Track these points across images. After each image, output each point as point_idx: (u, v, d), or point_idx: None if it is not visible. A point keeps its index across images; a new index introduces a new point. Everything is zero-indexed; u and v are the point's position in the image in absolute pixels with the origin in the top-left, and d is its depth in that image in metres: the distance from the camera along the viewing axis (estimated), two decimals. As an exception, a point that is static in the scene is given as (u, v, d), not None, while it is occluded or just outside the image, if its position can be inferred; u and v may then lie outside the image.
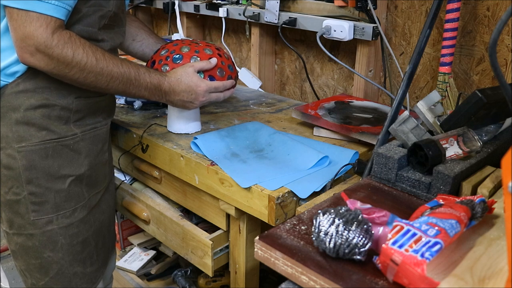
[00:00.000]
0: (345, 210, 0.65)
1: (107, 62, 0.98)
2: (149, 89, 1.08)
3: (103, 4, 0.99)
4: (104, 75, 0.98)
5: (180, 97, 1.12)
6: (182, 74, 1.12)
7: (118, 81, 1.01)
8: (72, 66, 0.93)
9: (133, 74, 1.03)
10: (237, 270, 1.21)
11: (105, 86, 1.00)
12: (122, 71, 1.01)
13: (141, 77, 1.05)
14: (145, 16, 2.34)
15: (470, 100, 0.87)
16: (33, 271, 1.09)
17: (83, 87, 1.00)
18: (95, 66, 0.96)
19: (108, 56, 0.99)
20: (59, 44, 0.90)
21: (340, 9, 1.45)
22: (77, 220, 1.08)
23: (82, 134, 1.05)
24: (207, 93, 1.14)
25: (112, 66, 0.99)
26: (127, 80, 1.02)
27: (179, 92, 1.12)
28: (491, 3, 1.23)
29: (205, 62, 1.16)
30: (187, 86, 1.12)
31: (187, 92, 1.12)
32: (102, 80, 0.99)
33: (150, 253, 1.85)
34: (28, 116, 0.98)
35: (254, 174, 1.05)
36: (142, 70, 1.06)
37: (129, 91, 1.05)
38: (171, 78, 1.11)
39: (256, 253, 0.70)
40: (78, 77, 0.96)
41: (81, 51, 0.94)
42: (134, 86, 1.05)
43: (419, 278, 0.56)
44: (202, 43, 1.23)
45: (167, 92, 1.11)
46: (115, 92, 1.04)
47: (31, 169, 1.00)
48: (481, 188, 0.80)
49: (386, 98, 1.53)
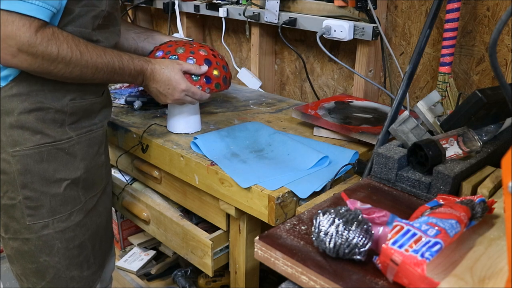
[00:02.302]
0: (345, 210, 0.65)
1: (91, 54, 0.97)
2: (132, 75, 1.08)
3: (96, 4, 0.98)
4: (89, 67, 0.97)
5: (158, 86, 1.13)
6: (168, 66, 1.13)
7: (103, 72, 1.00)
8: (57, 63, 0.91)
9: (117, 63, 1.03)
10: (237, 270, 1.21)
11: (91, 77, 0.99)
12: (106, 61, 1.00)
13: (125, 65, 1.05)
14: (145, 16, 2.34)
15: (470, 100, 0.87)
16: (30, 275, 1.08)
17: (67, 81, 0.98)
18: (80, 59, 0.94)
19: (91, 47, 0.97)
20: (43, 41, 0.88)
21: (340, 9, 1.45)
22: (73, 224, 1.07)
23: (78, 137, 1.04)
24: (184, 93, 1.15)
25: (96, 57, 0.98)
26: (112, 69, 1.02)
27: (158, 80, 1.12)
28: (491, 3, 1.23)
29: (194, 66, 1.17)
30: (167, 79, 1.13)
31: (166, 85, 1.13)
32: (88, 72, 0.97)
33: (150, 253, 1.85)
34: (22, 120, 0.96)
35: (254, 174, 1.05)
36: (125, 58, 1.05)
37: (114, 78, 1.05)
38: (155, 65, 1.12)
39: (256, 253, 0.70)
40: (63, 72, 0.94)
41: (66, 46, 0.92)
42: (118, 74, 1.04)
43: (419, 278, 0.56)
44: (196, 44, 1.24)
45: (147, 77, 1.12)
46: (100, 81, 1.04)
47: (26, 174, 0.99)
48: (481, 188, 0.80)
49: (386, 98, 1.53)
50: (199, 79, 1.18)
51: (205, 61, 1.20)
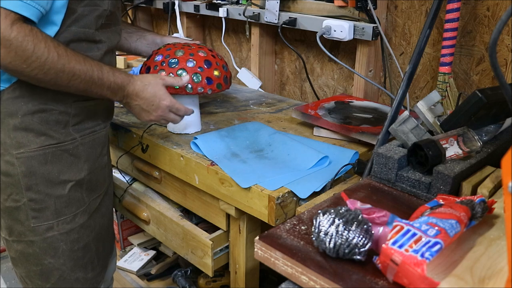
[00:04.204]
0: (345, 210, 0.65)
1: (69, 58, 0.91)
2: (111, 88, 1.01)
3: (98, 4, 0.97)
4: (65, 72, 0.91)
5: (141, 103, 1.07)
6: (151, 82, 1.07)
7: (79, 80, 0.94)
8: (31, 62, 0.86)
9: (96, 72, 0.96)
10: (237, 270, 1.21)
11: (66, 84, 0.93)
12: (84, 68, 0.94)
13: (105, 76, 0.98)
14: (145, 16, 2.34)
15: (470, 100, 0.87)
16: (34, 278, 1.08)
17: (40, 85, 0.93)
18: (56, 62, 0.88)
19: (70, 52, 0.92)
20: (19, 36, 0.83)
21: (340, 9, 1.45)
22: (77, 225, 1.07)
23: (81, 138, 1.04)
24: (167, 110, 1.10)
25: (74, 63, 0.92)
26: (90, 78, 0.95)
27: (142, 97, 1.06)
28: (491, 3, 1.23)
29: (176, 79, 1.13)
30: (151, 95, 1.06)
31: (149, 101, 1.07)
32: (63, 77, 0.91)
33: (150, 253, 1.85)
34: (26, 122, 0.96)
35: (254, 174, 1.05)
36: (105, 69, 0.99)
37: (91, 90, 0.97)
38: (137, 82, 1.05)
39: (256, 253, 0.70)
40: (36, 73, 0.88)
41: (43, 45, 0.86)
42: (97, 85, 0.97)
43: (419, 278, 0.56)
44: (194, 46, 1.24)
45: (130, 94, 1.05)
46: (76, 91, 0.96)
47: (31, 176, 0.98)
48: (481, 188, 0.80)
49: (386, 98, 1.53)
50: (201, 81, 1.18)
51: (205, 62, 1.20)
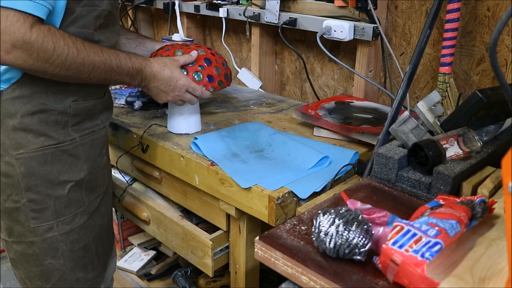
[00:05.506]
0: (345, 210, 0.65)
1: (88, 52, 0.94)
2: (130, 74, 1.06)
3: (97, 4, 0.97)
4: (86, 65, 0.94)
5: (158, 85, 1.12)
6: (167, 63, 1.12)
7: (100, 70, 0.98)
8: (53, 60, 0.89)
9: (114, 60, 1.01)
10: (237, 270, 1.21)
11: (87, 76, 0.97)
12: (103, 59, 0.98)
13: (123, 63, 1.03)
14: (145, 16, 2.34)
15: (470, 100, 0.87)
16: (34, 279, 1.07)
17: (62, 80, 0.96)
18: (76, 57, 0.92)
19: (88, 45, 0.95)
20: (39, 38, 0.86)
21: (340, 9, 1.45)
22: (77, 226, 1.07)
23: (81, 138, 1.04)
24: (184, 89, 1.15)
25: (93, 55, 0.95)
26: (109, 67, 0.99)
27: (160, 79, 1.11)
28: (491, 3, 1.23)
29: (187, 56, 1.17)
30: (168, 76, 1.12)
31: (167, 82, 1.12)
32: (84, 70, 0.95)
33: (150, 253, 1.85)
34: (26, 122, 0.96)
35: (254, 174, 1.05)
36: (122, 56, 1.03)
37: (111, 78, 1.02)
38: (154, 64, 1.10)
39: (256, 253, 0.70)
40: (59, 71, 0.91)
41: (62, 42, 0.89)
42: (116, 73, 1.02)
43: (419, 278, 0.56)
44: (193, 46, 1.24)
45: (148, 77, 1.10)
46: (97, 81, 1.01)
47: (30, 176, 0.98)
48: (481, 188, 0.80)
49: (386, 98, 1.53)
50: (202, 79, 1.18)
51: (204, 60, 1.20)
